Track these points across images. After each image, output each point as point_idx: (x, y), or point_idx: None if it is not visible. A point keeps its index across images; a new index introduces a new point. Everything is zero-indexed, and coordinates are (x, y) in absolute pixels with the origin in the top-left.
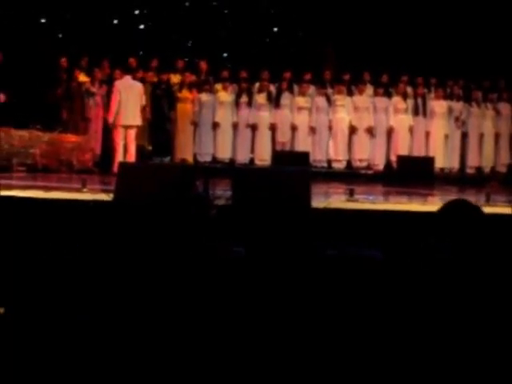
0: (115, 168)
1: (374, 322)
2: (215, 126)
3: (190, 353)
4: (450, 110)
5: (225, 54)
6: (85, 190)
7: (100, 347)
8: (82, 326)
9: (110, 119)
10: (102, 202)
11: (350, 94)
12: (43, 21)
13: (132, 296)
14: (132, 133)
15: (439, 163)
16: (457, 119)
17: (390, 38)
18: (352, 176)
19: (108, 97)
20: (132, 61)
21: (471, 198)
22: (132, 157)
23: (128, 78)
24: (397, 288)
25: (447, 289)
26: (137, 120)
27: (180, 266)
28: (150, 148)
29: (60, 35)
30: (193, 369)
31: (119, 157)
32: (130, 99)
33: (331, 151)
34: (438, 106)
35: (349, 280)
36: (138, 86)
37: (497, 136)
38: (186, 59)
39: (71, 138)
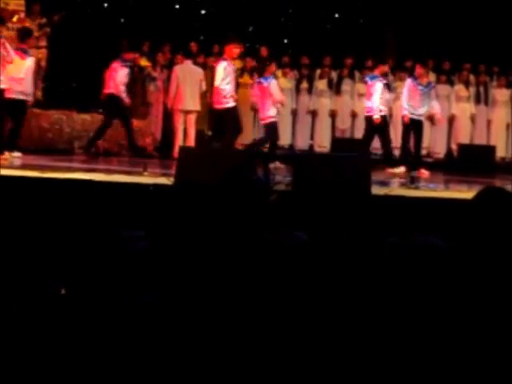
0: (175, 153)
1: (437, 311)
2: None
3: (249, 340)
4: None
5: (286, 40)
6: (146, 173)
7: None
8: (146, 307)
9: (169, 104)
10: (163, 185)
11: None
12: (106, 5)
13: (190, 280)
14: (192, 118)
15: (500, 152)
16: None
17: (453, 24)
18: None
19: (169, 82)
20: (193, 46)
21: None
22: (191, 142)
23: (188, 63)
24: (461, 276)
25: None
26: (196, 105)
27: (240, 251)
28: (210, 133)
29: (122, 20)
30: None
31: (179, 141)
32: (189, 84)
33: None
34: (500, 94)
35: (412, 267)
36: (199, 72)
37: None
38: (247, 45)
39: (132, 122)
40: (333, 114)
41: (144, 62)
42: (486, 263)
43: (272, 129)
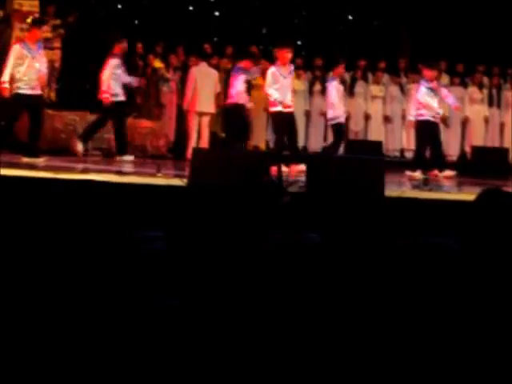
0: (188, 154)
1: (451, 311)
2: None
3: (261, 342)
4: None
5: (299, 42)
6: (159, 174)
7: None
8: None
9: (185, 105)
10: (176, 187)
11: None
12: (120, 7)
13: (202, 281)
14: (206, 120)
15: None
16: None
17: (467, 26)
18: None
19: (182, 83)
20: (207, 47)
21: None
22: (205, 143)
23: (204, 65)
24: (472, 277)
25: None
26: (211, 107)
27: (251, 252)
28: (223, 135)
29: (136, 21)
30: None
31: (193, 143)
32: (205, 86)
33: (404, 140)
34: None
35: (425, 268)
36: (214, 73)
37: None
38: (261, 47)
39: (145, 123)
40: (346, 116)
41: (158, 64)
42: (488, 263)
43: (339, 129)
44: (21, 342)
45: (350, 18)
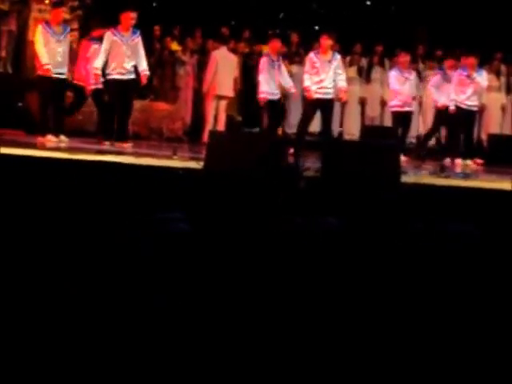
0: (205, 137)
1: (470, 297)
2: None
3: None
4: None
5: (316, 27)
6: (175, 157)
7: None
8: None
9: (205, 88)
10: (192, 169)
11: None
12: None
13: (217, 265)
14: (224, 103)
15: None
16: None
17: (484, 13)
18: (441, 152)
19: (199, 66)
20: (225, 31)
21: None
22: (222, 126)
23: (224, 49)
24: (494, 264)
25: None
26: (230, 91)
27: (268, 237)
28: (240, 119)
29: (154, 4)
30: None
31: (209, 126)
32: (225, 70)
33: (421, 127)
34: None
35: (444, 254)
36: (233, 58)
37: None
38: (278, 31)
39: (162, 106)
40: (362, 102)
41: (175, 47)
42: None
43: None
44: (20, 333)
45: (368, 3)
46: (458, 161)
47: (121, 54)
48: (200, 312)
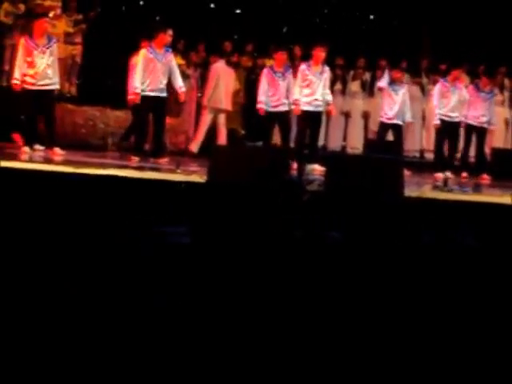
0: (192, 147)
1: (473, 307)
2: None
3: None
4: None
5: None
6: (178, 171)
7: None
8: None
9: (205, 101)
10: (195, 183)
11: None
12: (141, 3)
13: (220, 275)
14: (222, 117)
15: None
16: None
17: (488, 27)
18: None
19: (202, 80)
20: (227, 45)
21: None
22: (223, 140)
23: (222, 62)
24: (495, 274)
25: None
26: (228, 104)
27: (271, 249)
28: (243, 132)
29: (157, 18)
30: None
31: (200, 138)
32: (223, 83)
33: (424, 141)
34: None
35: (447, 266)
36: (231, 71)
37: None
38: (281, 45)
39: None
40: (366, 116)
41: (179, 61)
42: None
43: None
44: (21, 334)
45: (372, 17)
46: (439, 174)
47: (156, 72)
48: (198, 319)
